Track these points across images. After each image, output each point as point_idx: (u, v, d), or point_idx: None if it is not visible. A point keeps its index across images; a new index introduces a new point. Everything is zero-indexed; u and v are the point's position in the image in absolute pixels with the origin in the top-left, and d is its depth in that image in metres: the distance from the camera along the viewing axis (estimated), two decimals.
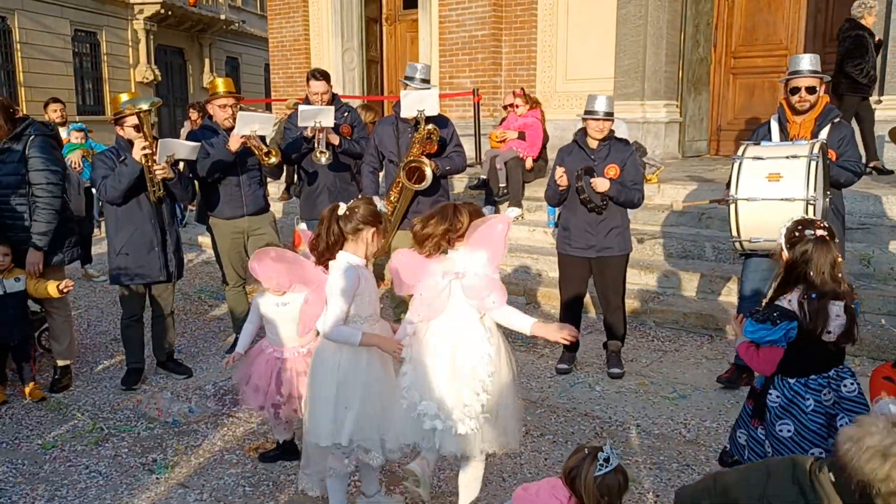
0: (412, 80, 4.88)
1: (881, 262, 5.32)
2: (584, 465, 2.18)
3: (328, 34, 11.45)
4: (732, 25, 8.85)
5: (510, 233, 6.85)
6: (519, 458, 3.51)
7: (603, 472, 2.15)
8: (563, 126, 8.05)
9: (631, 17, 8.44)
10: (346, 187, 5.29)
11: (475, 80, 9.50)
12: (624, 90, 8.54)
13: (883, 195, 5.81)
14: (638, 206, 4.57)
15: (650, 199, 6.60)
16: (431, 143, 4.65)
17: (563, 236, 4.58)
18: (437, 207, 2.85)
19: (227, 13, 21.84)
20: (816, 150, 3.63)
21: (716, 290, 5.65)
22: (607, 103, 4.32)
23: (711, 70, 9.04)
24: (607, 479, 2.15)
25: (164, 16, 19.21)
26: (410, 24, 11.18)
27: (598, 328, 5.01)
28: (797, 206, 3.57)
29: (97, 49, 18.20)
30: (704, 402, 4.13)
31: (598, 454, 2.18)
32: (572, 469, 2.22)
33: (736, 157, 3.83)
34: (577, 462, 2.22)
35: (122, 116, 4.30)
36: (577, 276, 4.56)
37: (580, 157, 4.41)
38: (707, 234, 6.19)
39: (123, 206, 4.35)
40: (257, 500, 3.22)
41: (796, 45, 8.29)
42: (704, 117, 9.13)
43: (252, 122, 4.54)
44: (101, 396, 4.39)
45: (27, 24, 16.01)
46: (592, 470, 2.15)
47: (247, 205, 4.84)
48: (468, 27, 9.69)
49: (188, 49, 21.55)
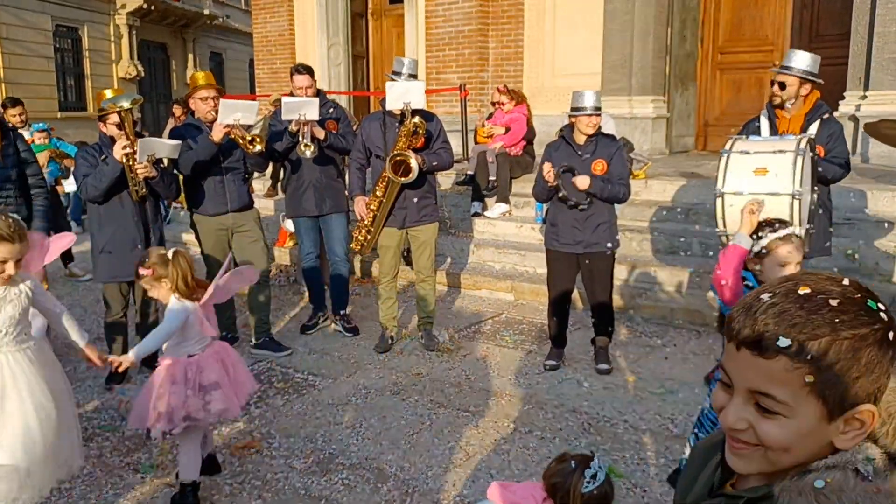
0: (399, 75, 4.84)
1: (866, 256, 5.35)
2: (570, 478, 2.12)
3: (313, 29, 11.36)
4: (719, 21, 8.87)
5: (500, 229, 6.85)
6: (507, 455, 3.50)
7: (590, 489, 2.10)
8: (550, 122, 8.03)
9: (618, 12, 8.43)
10: (331, 183, 5.24)
11: (462, 76, 9.46)
12: (611, 86, 8.54)
13: (868, 190, 5.84)
14: (624, 201, 4.56)
15: (637, 194, 6.61)
16: (418, 137, 4.61)
17: (550, 232, 4.57)
18: None
19: (211, 8, 21.64)
20: (803, 145, 3.63)
21: (703, 285, 5.66)
22: (595, 98, 4.31)
23: (698, 65, 9.06)
24: (595, 494, 2.11)
25: (146, 11, 19.00)
26: (396, 19, 11.12)
27: (586, 324, 5.01)
28: (783, 200, 3.57)
29: (79, 44, 17.97)
30: (692, 397, 4.14)
31: (584, 470, 2.12)
32: (555, 480, 2.15)
33: (724, 150, 3.84)
34: (561, 474, 2.15)
35: (105, 114, 4.26)
36: (565, 271, 4.55)
37: (567, 153, 4.40)
38: (694, 229, 6.20)
39: (106, 204, 4.31)
40: (244, 499, 3.19)
41: (782, 41, 8.32)
42: (691, 113, 9.15)
43: (234, 111, 4.49)
44: (85, 395, 4.33)
45: (7, 18, 15.78)
46: (580, 486, 2.10)
47: (231, 201, 4.79)
48: (455, 22, 9.65)
49: (171, 44, 21.34)
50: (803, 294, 0.89)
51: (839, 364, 0.86)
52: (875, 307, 0.88)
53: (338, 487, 3.26)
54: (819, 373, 0.86)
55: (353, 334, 5.32)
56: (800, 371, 0.86)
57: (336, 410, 4.08)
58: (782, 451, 0.90)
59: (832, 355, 0.86)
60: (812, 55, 4.12)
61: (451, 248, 6.92)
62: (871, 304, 0.88)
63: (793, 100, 4.09)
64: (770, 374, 0.88)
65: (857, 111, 7.04)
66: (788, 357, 0.86)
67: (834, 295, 0.88)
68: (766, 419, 0.90)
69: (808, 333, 0.86)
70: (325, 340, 5.26)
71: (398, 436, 3.74)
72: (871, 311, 0.88)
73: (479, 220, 7.16)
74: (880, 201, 5.76)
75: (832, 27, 7.97)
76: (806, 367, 0.86)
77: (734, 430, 0.92)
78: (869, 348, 0.87)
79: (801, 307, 0.87)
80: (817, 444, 0.90)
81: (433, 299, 5.06)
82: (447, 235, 6.98)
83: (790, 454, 0.90)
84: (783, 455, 0.90)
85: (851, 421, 0.89)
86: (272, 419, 3.98)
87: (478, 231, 7.12)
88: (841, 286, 0.90)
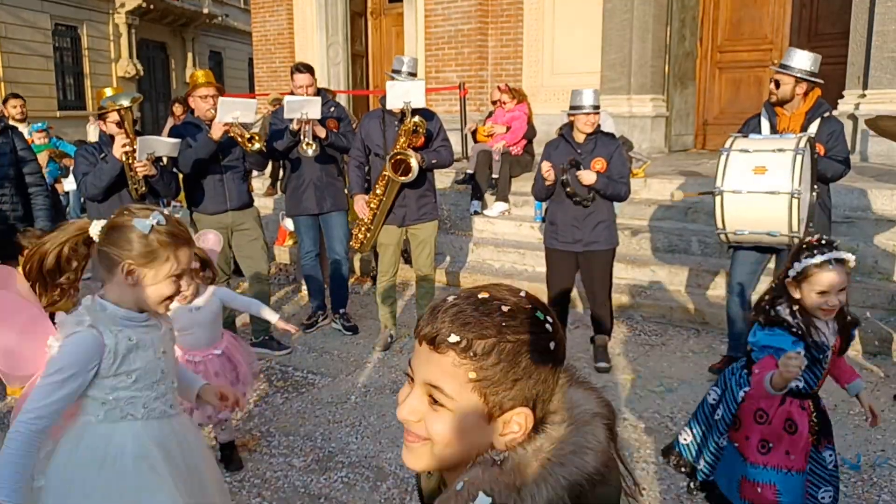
0: (399, 74, 4.84)
1: (865, 255, 5.35)
2: None
3: (313, 28, 11.35)
4: (718, 20, 8.87)
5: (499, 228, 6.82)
6: None
7: None
8: (549, 120, 8.04)
9: (617, 11, 8.43)
10: (332, 182, 5.24)
11: (461, 75, 9.46)
12: (610, 84, 8.54)
13: (868, 188, 5.84)
14: (624, 199, 4.57)
15: (637, 193, 6.61)
16: (418, 136, 4.61)
17: (549, 231, 4.57)
18: None
19: (210, 7, 21.63)
20: (803, 143, 3.63)
21: (702, 284, 5.67)
22: (594, 97, 4.31)
23: (697, 64, 9.06)
24: None
25: (145, 10, 18.98)
26: (396, 18, 11.12)
27: (586, 323, 5.01)
28: (782, 199, 3.58)
29: (78, 43, 17.95)
30: (691, 395, 4.14)
31: None
32: None
33: (723, 149, 3.84)
34: None
35: (105, 112, 4.27)
36: (564, 270, 4.55)
37: (567, 152, 4.40)
38: (693, 228, 6.20)
39: (105, 202, 4.30)
40: (243, 497, 3.19)
41: (781, 40, 8.32)
42: (691, 111, 9.15)
43: (233, 109, 4.49)
44: None
45: (6, 17, 15.76)
46: None
47: (230, 200, 4.79)
48: (454, 21, 9.65)
49: (171, 43, 21.33)
50: (481, 298, 0.96)
51: (500, 365, 0.92)
52: (542, 318, 0.96)
53: (337, 486, 3.27)
54: (482, 370, 0.92)
55: (353, 333, 5.32)
56: (465, 367, 0.92)
57: (335, 409, 4.08)
58: (445, 445, 0.95)
59: (495, 356, 0.92)
60: (812, 55, 4.10)
61: (451, 247, 6.92)
62: (538, 314, 0.96)
63: (788, 98, 4.09)
64: (441, 367, 0.94)
65: (856, 110, 7.05)
66: (456, 352, 0.93)
67: (507, 303, 0.95)
68: (435, 412, 0.95)
69: (477, 333, 0.92)
70: (325, 339, 5.26)
71: (398, 434, 3.74)
72: (537, 321, 0.95)
73: (478, 219, 7.16)
74: (879, 200, 5.76)
75: (831, 26, 7.97)
76: (470, 363, 0.92)
77: (408, 422, 0.98)
78: (529, 354, 0.93)
79: (475, 309, 0.94)
80: (479, 443, 0.96)
81: (433, 297, 5.07)
82: (446, 234, 6.98)
83: (453, 450, 0.96)
84: (447, 450, 0.96)
85: (510, 423, 0.95)
86: (272, 417, 3.99)
87: (477, 230, 7.12)
88: (517, 297, 0.97)
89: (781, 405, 2.47)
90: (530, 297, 0.99)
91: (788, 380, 2.23)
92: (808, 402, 2.49)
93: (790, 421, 2.45)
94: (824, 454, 2.50)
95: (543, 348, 0.94)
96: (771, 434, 2.47)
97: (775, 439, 2.46)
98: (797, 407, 2.46)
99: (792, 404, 2.47)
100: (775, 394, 2.34)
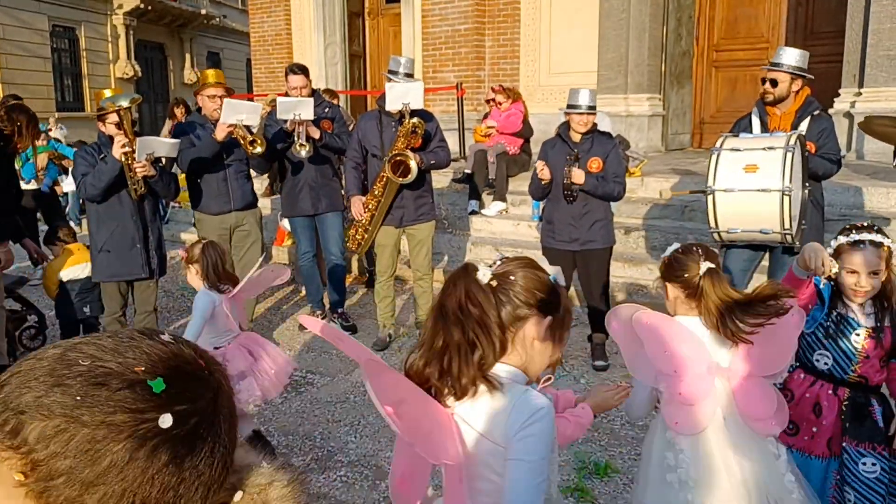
0: (395, 74, 4.86)
1: None
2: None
3: (310, 29, 11.38)
4: (714, 19, 8.90)
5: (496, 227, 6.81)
6: None
7: None
8: (547, 120, 8.06)
9: (614, 10, 8.46)
10: (327, 183, 5.26)
11: (459, 75, 9.48)
12: (607, 84, 8.57)
13: (863, 187, 5.87)
14: (618, 199, 4.59)
15: (634, 192, 6.64)
16: (416, 137, 4.64)
17: (546, 230, 4.60)
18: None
19: (208, 8, 21.64)
20: (793, 141, 3.65)
21: None
22: (590, 97, 4.34)
23: (694, 63, 9.09)
24: None
25: (143, 11, 19.00)
26: (393, 19, 11.14)
27: (583, 321, 5.04)
28: (773, 196, 3.60)
29: (76, 44, 17.97)
30: None
31: None
32: None
33: (714, 148, 3.86)
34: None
35: (104, 113, 4.28)
36: (562, 269, 4.57)
37: (564, 151, 4.43)
38: (690, 226, 6.23)
39: (104, 203, 4.32)
40: None
41: (777, 39, 8.35)
42: (687, 110, 9.18)
43: (239, 111, 4.51)
44: None
45: (3, 18, 15.78)
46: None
47: (234, 199, 4.82)
48: (451, 21, 9.67)
49: (169, 44, 21.34)
50: (61, 354, 0.70)
51: (69, 460, 0.66)
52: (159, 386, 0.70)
53: (336, 485, 3.29)
54: (38, 469, 0.66)
55: (352, 332, 5.34)
56: (10, 462, 0.67)
57: (334, 408, 4.11)
58: None
59: (58, 445, 0.66)
60: (801, 51, 4.14)
61: (448, 246, 6.94)
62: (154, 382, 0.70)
63: (785, 96, 4.11)
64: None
65: (851, 108, 7.07)
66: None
67: (102, 360, 0.69)
68: None
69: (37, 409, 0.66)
70: (324, 339, 5.27)
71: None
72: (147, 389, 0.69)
73: (475, 219, 7.18)
74: (875, 198, 5.79)
75: (827, 24, 8.00)
76: (16, 456, 0.66)
77: None
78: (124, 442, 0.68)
79: (48, 370, 0.68)
80: None
81: (430, 297, 5.09)
82: (444, 233, 7.01)
83: None
84: None
85: None
86: (271, 417, 4.01)
87: (475, 229, 7.15)
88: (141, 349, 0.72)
89: (811, 386, 2.50)
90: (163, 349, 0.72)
91: (810, 258, 2.35)
92: (844, 391, 2.45)
93: (818, 405, 2.48)
94: (866, 458, 2.39)
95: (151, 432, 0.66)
96: (797, 416, 2.48)
97: (802, 421, 2.49)
98: (827, 392, 2.48)
99: (823, 388, 2.48)
100: (801, 277, 2.43)
